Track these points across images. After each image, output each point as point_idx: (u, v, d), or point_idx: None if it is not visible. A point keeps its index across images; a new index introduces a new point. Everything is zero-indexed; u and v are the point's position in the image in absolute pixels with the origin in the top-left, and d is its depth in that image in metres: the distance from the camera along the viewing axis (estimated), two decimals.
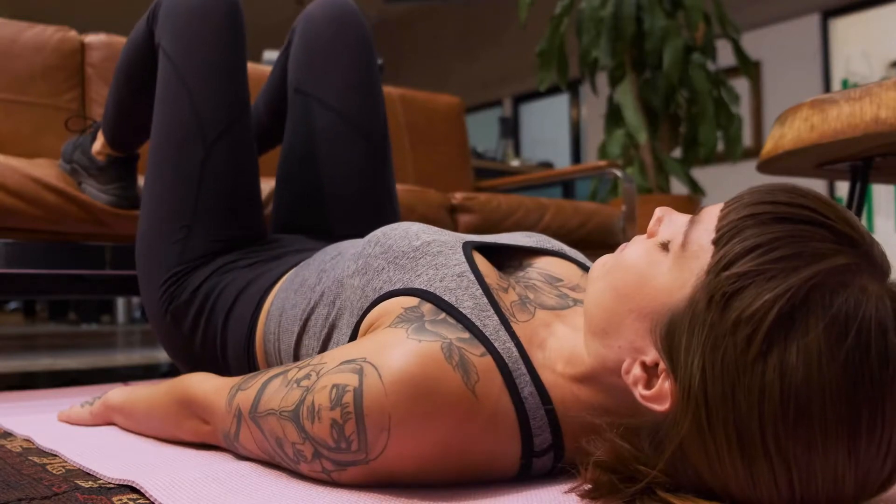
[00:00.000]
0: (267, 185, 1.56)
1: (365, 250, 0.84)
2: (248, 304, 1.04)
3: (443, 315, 0.71)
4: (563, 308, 0.77)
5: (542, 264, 0.87)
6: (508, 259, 0.89)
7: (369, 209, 1.28)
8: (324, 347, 0.86)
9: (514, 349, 0.69)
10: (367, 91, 1.31)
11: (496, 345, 0.69)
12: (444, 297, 0.72)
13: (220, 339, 1.07)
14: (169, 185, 1.15)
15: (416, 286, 0.75)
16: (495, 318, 0.71)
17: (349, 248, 0.93)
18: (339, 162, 1.28)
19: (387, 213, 1.30)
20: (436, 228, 0.85)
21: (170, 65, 1.19)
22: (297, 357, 0.91)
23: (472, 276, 0.75)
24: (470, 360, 0.66)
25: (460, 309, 0.71)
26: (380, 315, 0.75)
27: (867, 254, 0.55)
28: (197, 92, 1.16)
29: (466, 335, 0.68)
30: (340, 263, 0.89)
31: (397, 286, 0.76)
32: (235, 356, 1.05)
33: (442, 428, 0.64)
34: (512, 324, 0.72)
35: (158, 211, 1.16)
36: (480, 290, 0.74)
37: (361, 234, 1.22)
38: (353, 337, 0.79)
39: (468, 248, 0.81)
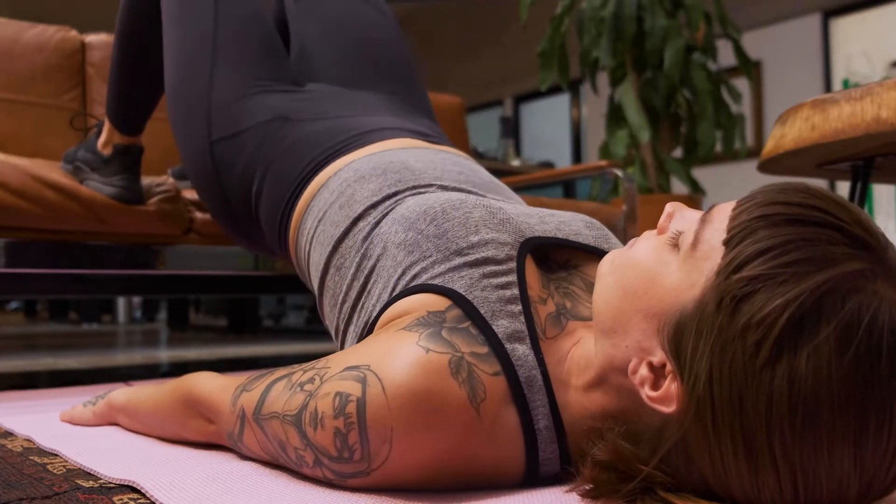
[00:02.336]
0: None
1: (418, 223, 0.80)
2: (293, 166, 1.03)
3: (467, 324, 0.69)
4: None
5: (589, 269, 0.83)
6: (557, 253, 0.84)
7: (401, 67, 1.28)
8: (354, 305, 0.85)
9: (539, 377, 0.68)
10: None
11: (520, 371, 0.67)
12: (479, 308, 0.70)
13: (257, 189, 1.07)
14: (187, 31, 1.17)
15: (455, 288, 0.72)
16: (528, 341, 0.69)
17: (406, 200, 0.88)
18: (362, 26, 1.28)
19: (413, 73, 1.31)
20: (497, 217, 0.80)
21: None
22: (322, 284, 0.92)
23: (515, 291, 0.73)
24: (479, 377, 0.65)
25: (493, 325, 0.69)
26: (403, 311, 0.73)
27: (881, 258, 0.54)
28: None
29: (484, 350, 0.67)
30: (390, 218, 0.85)
31: (437, 281, 0.74)
32: (269, 215, 1.05)
33: (443, 441, 0.63)
34: (541, 343, 0.70)
35: (181, 56, 1.17)
36: (520, 308, 0.71)
37: (398, 93, 1.23)
38: (378, 316, 0.77)
39: (524, 251, 0.77)
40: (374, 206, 0.89)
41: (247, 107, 1.11)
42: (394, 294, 0.78)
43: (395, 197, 0.89)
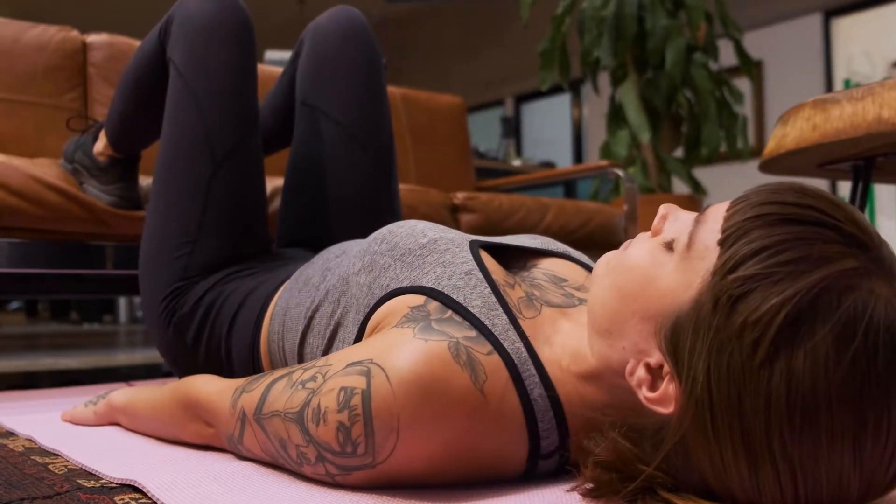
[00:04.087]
0: (271, 184, 1.56)
1: (371, 247, 0.83)
2: (252, 309, 1.04)
3: (449, 313, 0.70)
4: (569, 307, 0.77)
5: (547, 265, 0.86)
6: (513, 260, 0.89)
7: (372, 221, 1.28)
8: (329, 345, 0.85)
9: (523, 348, 0.69)
10: (374, 106, 1.32)
11: (505, 344, 0.68)
12: (452, 295, 0.72)
13: (225, 347, 1.07)
14: (175, 201, 1.15)
15: (424, 284, 0.74)
16: (504, 316, 0.71)
17: (353, 247, 0.93)
18: (343, 175, 1.29)
19: (384, 216, 1.31)
20: (441, 226, 0.85)
21: (181, 81, 1.19)
22: (301, 356, 0.91)
23: (479, 275, 0.75)
24: (477, 359, 0.66)
25: (469, 308, 0.71)
26: (386, 314, 0.75)
27: (876, 257, 0.54)
28: (207, 109, 1.17)
29: (473, 333, 0.68)
30: (345, 261, 0.89)
31: (405, 283, 0.76)
32: (240, 361, 1.05)
33: (451, 427, 0.63)
34: (519, 320, 0.72)
35: (163, 227, 1.16)
36: (489, 289, 0.73)
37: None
38: (360, 335, 0.79)
39: (475, 246, 0.81)
40: (327, 268, 0.92)
41: (201, 284, 1.12)
42: (368, 310, 0.79)
43: (343, 254, 0.94)
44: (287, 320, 0.94)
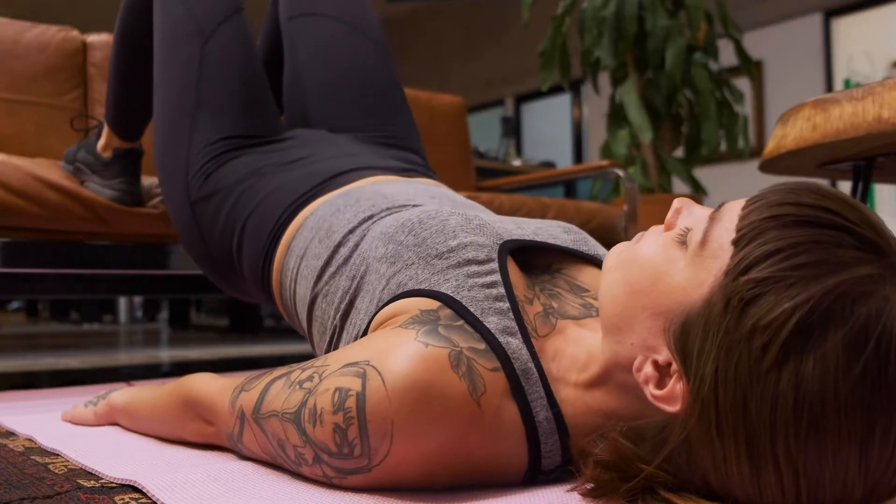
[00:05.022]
0: None
1: (397, 235, 0.81)
2: (269, 215, 1.05)
3: (461, 322, 0.69)
4: (585, 318, 0.75)
5: (572, 271, 0.83)
6: (538, 257, 0.85)
7: (384, 99, 1.30)
8: (342, 324, 0.85)
9: (534, 369, 0.68)
10: (361, 4, 1.36)
11: (516, 364, 0.67)
12: (469, 307, 0.70)
13: (237, 242, 1.09)
14: (174, 78, 1.20)
15: (442, 290, 0.73)
16: (519, 335, 0.69)
17: (382, 219, 0.90)
18: (345, 53, 1.31)
19: (399, 103, 1.32)
20: (473, 223, 0.81)
21: None
22: (311, 315, 0.92)
23: (501, 290, 0.73)
24: (478, 371, 0.65)
25: (484, 323, 0.69)
26: (396, 312, 0.74)
27: (892, 263, 0.53)
28: (193, 1, 1.22)
29: (481, 346, 0.67)
30: (369, 236, 0.87)
31: (423, 286, 0.74)
32: (251, 267, 1.07)
33: (445, 434, 0.63)
34: (533, 340, 0.71)
35: (166, 107, 1.20)
36: (508, 305, 0.72)
37: (379, 128, 1.25)
38: (369, 325, 0.78)
39: (504, 253, 0.78)
40: (351, 230, 0.91)
41: (222, 171, 1.14)
42: (381, 303, 0.78)
43: (371, 219, 0.91)
44: (303, 267, 0.95)
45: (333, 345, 0.89)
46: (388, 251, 0.81)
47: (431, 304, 0.72)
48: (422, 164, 1.27)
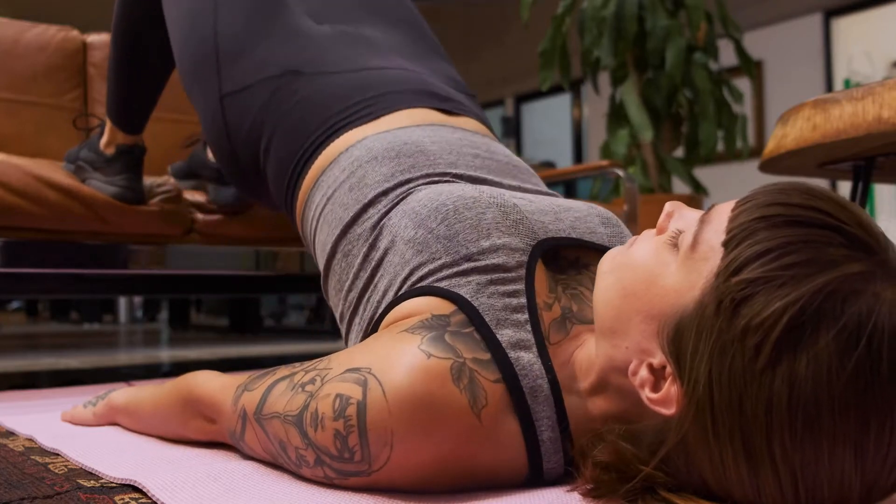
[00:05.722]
0: None
1: (429, 221, 0.78)
2: (303, 128, 1.01)
3: (471, 329, 0.68)
4: None
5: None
6: (569, 249, 0.81)
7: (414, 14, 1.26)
8: (359, 296, 0.84)
9: (546, 386, 0.67)
10: None
11: (523, 381, 0.66)
12: (484, 315, 0.69)
13: (265, 146, 1.06)
14: None
15: (461, 293, 0.71)
16: (534, 349, 0.68)
17: (419, 190, 0.85)
18: None
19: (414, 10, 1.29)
20: (510, 218, 0.77)
21: None
22: (328, 267, 0.91)
23: (522, 300, 0.71)
24: (480, 384, 0.65)
25: (497, 335, 0.68)
26: (409, 312, 0.73)
27: (882, 260, 0.54)
28: None
29: (486, 357, 0.66)
30: (400, 210, 0.83)
31: (443, 284, 0.73)
32: (277, 177, 1.04)
33: (443, 446, 0.63)
34: (548, 349, 0.70)
35: (183, 2, 1.15)
36: (526, 317, 0.70)
37: (406, 26, 1.22)
38: (383, 316, 0.77)
39: (535, 257, 0.75)
40: (384, 192, 0.87)
41: (255, 58, 1.07)
42: (399, 293, 0.77)
43: (406, 185, 0.87)
44: (327, 211, 0.92)
45: (349, 312, 0.87)
46: (416, 235, 0.78)
47: (445, 307, 0.70)
48: (463, 88, 1.19)
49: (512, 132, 4.80)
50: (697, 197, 3.28)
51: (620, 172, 2.49)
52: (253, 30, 1.10)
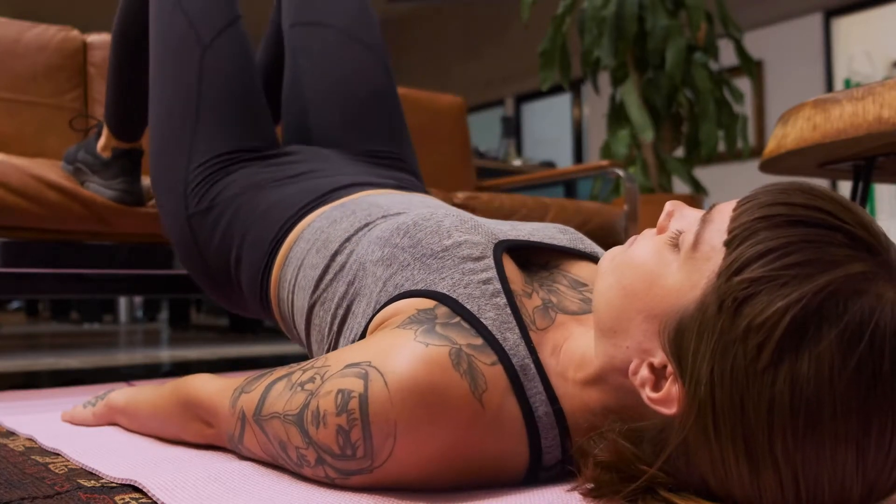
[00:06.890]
0: None
1: (392, 238, 0.82)
2: (269, 228, 1.05)
3: (457, 319, 0.69)
4: (585, 313, 0.76)
5: (570, 267, 0.84)
6: (536, 256, 0.86)
7: (381, 114, 1.30)
8: (340, 327, 0.85)
9: (532, 365, 0.68)
10: (363, 8, 1.35)
11: (514, 360, 0.67)
12: (465, 304, 0.71)
13: (236, 256, 1.09)
14: (172, 89, 1.19)
15: (439, 289, 0.73)
16: (517, 330, 0.70)
17: (378, 225, 0.91)
18: (347, 68, 1.31)
19: (398, 124, 1.32)
20: (468, 224, 0.82)
21: None
22: (309, 324, 0.92)
23: (497, 285, 0.73)
24: (479, 368, 0.65)
25: (481, 319, 0.69)
26: (393, 313, 0.74)
27: (884, 260, 0.54)
28: (188, 6, 1.21)
29: (479, 342, 0.67)
30: (365, 241, 0.87)
31: (419, 286, 0.75)
32: (249, 280, 1.07)
33: (447, 434, 0.63)
34: (531, 333, 0.71)
35: (163, 122, 1.19)
36: (504, 300, 0.72)
37: (377, 145, 1.26)
38: (366, 328, 0.78)
39: (499, 250, 0.79)
40: (348, 239, 0.91)
41: (220, 184, 1.13)
42: (378, 306, 0.78)
43: (367, 227, 0.92)
44: (300, 278, 0.95)
45: (331, 350, 0.89)
46: (384, 254, 0.81)
47: (428, 303, 0.72)
48: (418, 184, 1.28)
49: (512, 132, 4.79)
50: (698, 197, 3.28)
51: (621, 172, 2.49)
52: (223, 159, 1.16)
